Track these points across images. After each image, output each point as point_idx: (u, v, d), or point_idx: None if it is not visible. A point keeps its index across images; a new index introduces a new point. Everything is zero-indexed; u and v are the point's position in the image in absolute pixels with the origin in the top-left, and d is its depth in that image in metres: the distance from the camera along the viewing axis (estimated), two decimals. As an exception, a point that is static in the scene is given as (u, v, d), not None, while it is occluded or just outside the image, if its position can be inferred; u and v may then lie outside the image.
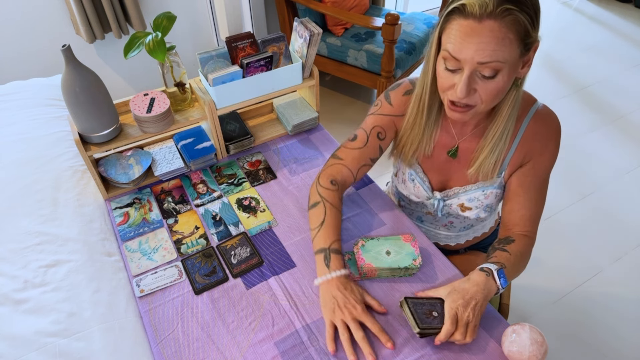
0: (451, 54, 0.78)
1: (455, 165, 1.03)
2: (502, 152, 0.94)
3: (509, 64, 0.77)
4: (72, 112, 1.03)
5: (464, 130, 0.99)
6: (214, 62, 1.17)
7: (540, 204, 0.98)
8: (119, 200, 1.18)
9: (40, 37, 2.18)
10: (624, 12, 3.65)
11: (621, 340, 1.64)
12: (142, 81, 2.58)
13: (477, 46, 0.75)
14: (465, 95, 0.80)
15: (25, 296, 0.94)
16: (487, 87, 0.80)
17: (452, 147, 1.01)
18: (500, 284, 0.86)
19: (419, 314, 0.84)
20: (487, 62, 0.76)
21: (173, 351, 0.88)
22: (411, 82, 1.03)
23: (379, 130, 1.03)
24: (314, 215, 1.00)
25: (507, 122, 0.90)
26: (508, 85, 0.82)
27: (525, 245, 0.97)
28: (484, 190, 1.01)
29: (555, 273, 1.86)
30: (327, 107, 2.71)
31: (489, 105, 0.84)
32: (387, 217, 1.12)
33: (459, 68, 0.80)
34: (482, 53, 0.75)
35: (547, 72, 3.01)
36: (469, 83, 0.79)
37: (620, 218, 2.07)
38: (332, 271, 0.91)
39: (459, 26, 0.76)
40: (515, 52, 0.77)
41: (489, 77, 0.78)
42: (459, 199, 1.04)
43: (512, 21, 0.73)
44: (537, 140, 0.94)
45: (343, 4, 2.40)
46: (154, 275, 1.01)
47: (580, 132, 2.54)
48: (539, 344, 0.80)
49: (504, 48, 0.75)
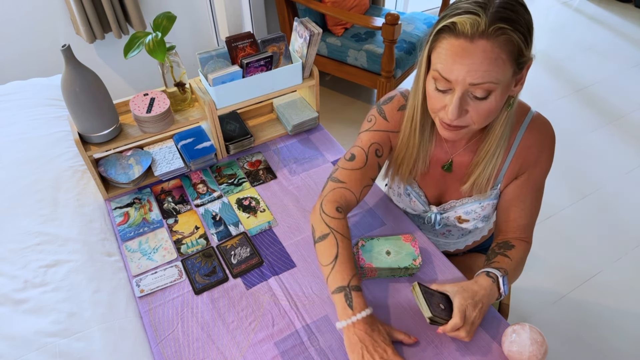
0: (441, 75, 0.75)
1: (450, 179, 1.02)
2: (495, 167, 0.92)
3: (502, 84, 0.74)
4: (72, 112, 1.03)
5: (457, 145, 0.97)
6: (214, 62, 1.17)
7: (535, 212, 0.98)
8: (119, 200, 1.18)
9: (40, 37, 2.18)
10: (624, 12, 3.65)
11: (621, 340, 1.64)
12: (142, 81, 2.58)
13: (468, 67, 0.72)
14: (456, 117, 0.78)
15: (25, 296, 0.94)
16: (479, 107, 0.77)
17: (446, 161, 0.99)
18: (503, 291, 0.87)
19: (430, 301, 0.83)
20: (480, 84, 0.73)
21: (173, 351, 0.88)
22: (403, 96, 0.99)
23: (376, 148, 0.99)
24: (324, 249, 0.89)
25: (500, 140, 0.88)
26: (501, 105, 0.79)
27: (524, 251, 0.97)
28: (481, 202, 1.00)
29: (555, 273, 1.86)
30: (327, 107, 2.71)
31: (482, 125, 0.82)
32: (387, 217, 1.12)
33: (449, 88, 0.77)
34: (474, 74, 0.72)
35: (547, 72, 3.01)
36: (460, 105, 0.76)
37: (620, 218, 2.07)
38: (357, 313, 0.82)
39: (450, 45, 0.73)
40: (508, 72, 0.74)
41: (481, 98, 0.76)
42: (456, 212, 1.03)
43: (505, 41, 0.71)
44: (531, 151, 0.92)
45: (343, 4, 2.40)
46: (154, 275, 1.01)
47: (580, 132, 2.54)
48: (539, 344, 0.80)
49: (496, 69, 0.72)
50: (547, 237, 1.99)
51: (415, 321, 0.92)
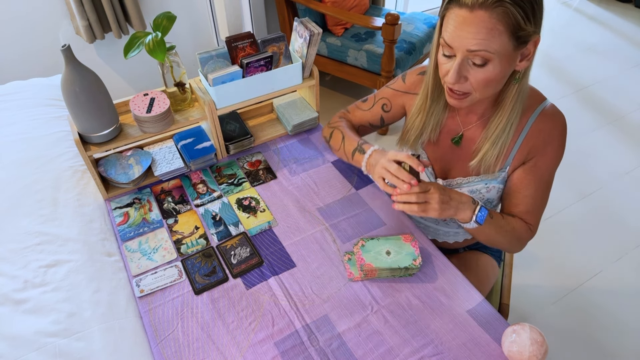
0: (446, 42, 0.83)
1: (458, 153, 1.04)
2: (505, 145, 0.95)
3: (498, 55, 0.79)
4: (72, 112, 1.03)
5: (469, 119, 1.01)
6: (214, 62, 1.17)
7: (540, 203, 0.99)
8: (119, 200, 1.18)
9: (40, 37, 2.18)
10: (624, 12, 3.65)
11: (622, 340, 1.64)
12: (142, 81, 2.58)
13: (467, 34, 0.78)
14: (455, 81, 0.84)
15: (25, 296, 0.94)
16: (477, 75, 0.83)
17: (456, 134, 1.03)
18: (475, 217, 0.92)
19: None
20: (476, 51, 0.79)
21: (173, 351, 0.88)
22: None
23: (384, 102, 1.13)
24: (333, 141, 1.15)
25: (511, 115, 0.91)
26: (501, 76, 0.84)
27: (523, 227, 0.99)
28: (487, 183, 1.02)
29: (555, 273, 1.86)
30: (327, 107, 2.70)
31: (483, 93, 0.87)
32: (387, 217, 1.12)
33: (453, 55, 0.84)
34: (471, 41, 0.79)
35: (547, 72, 3.01)
36: (459, 70, 0.83)
37: (620, 218, 2.07)
38: (367, 151, 1.03)
39: (455, 15, 0.80)
40: (506, 44, 0.78)
41: (479, 65, 0.82)
42: (461, 190, 1.05)
43: (502, 13, 0.76)
44: (540, 138, 0.95)
45: (343, 4, 2.40)
46: (154, 275, 1.01)
47: (580, 132, 2.54)
48: (539, 344, 0.80)
49: (492, 38, 0.77)
50: (547, 237, 1.99)
51: (416, 321, 0.92)
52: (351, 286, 0.98)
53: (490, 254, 1.24)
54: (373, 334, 0.90)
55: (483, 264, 1.20)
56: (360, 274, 0.98)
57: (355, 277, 0.98)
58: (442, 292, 0.97)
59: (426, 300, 0.95)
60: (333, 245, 1.06)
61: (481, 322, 0.91)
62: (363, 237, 1.00)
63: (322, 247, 1.06)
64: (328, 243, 1.07)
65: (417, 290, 0.97)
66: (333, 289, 0.98)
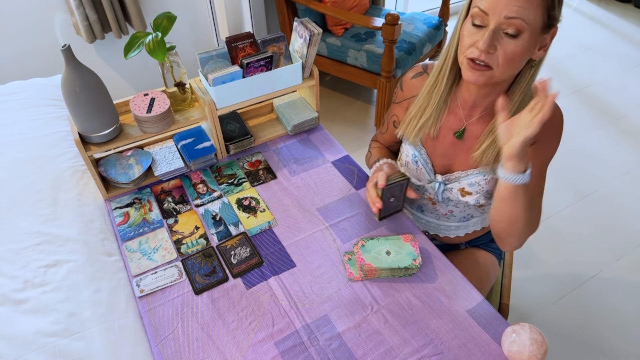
0: (482, 9, 0.82)
1: (459, 148, 1.05)
2: None
3: (531, 28, 0.80)
4: (72, 112, 1.03)
5: (473, 113, 1.01)
6: (214, 62, 1.17)
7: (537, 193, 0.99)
8: (119, 200, 1.18)
9: (40, 37, 2.18)
10: (624, 12, 3.65)
11: (621, 340, 1.64)
12: (142, 81, 2.58)
13: (507, 0, 0.79)
14: (486, 47, 0.82)
15: (25, 296, 0.94)
16: (507, 47, 0.82)
17: (459, 128, 1.04)
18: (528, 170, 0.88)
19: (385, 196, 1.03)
20: (513, 18, 0.79)
21: (173, 351, 0.88)
22: (422, 66, 1.09)
23: (394, 120, 1.18)
24: (371, 163, 1.22)
25: (519, 108, 0.91)
26: (525, 55, 0.84)
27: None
28: (485, 175, 1.02)
29: (555, 273, 1.86)
30: (327, 107, 2.70)
31: (503, 71, 0.86)
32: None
33: (484, 25, 0.83)
34: (511, 8, 0.79)
35: (547, 72, 3.01)
36: (492, 36, 0.82)
37: (620, 218, 2.07)
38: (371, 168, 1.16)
39: None
40: (539, 18, 0.80)
41: (512, 35, 0.81)
42: (460, 183, 1.05)
43: None
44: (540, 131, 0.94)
45: (343, 4, 2.40)
46: (154, 275, 1.01)
47: (580, 132, 2.54)
48: (539, 344, 0.80)
49: (530, 7, 0.78)
50: (547, 237, 1.99)
51: (416, 321, 0.92)
52: (351, 286, 0.98)
53: (491, 251, 1.24)
54: (373, 333, 0.90)
55: (484, 261, 1.20)
56: (360, 274, 0.98)
57: (355, 277, 0.98)
58: (442, 292, 0.97)
59: (426, 300, 0.95)
60: (333, 245, 1.06)
61: (481, 322, 0.91)
62: (363, 237, 1.00)
63: (322, 247, 1.06)
64: (328, 243, 1.07)
65: (417, 290, 0.97)
66: (333, 288, 0.98)
